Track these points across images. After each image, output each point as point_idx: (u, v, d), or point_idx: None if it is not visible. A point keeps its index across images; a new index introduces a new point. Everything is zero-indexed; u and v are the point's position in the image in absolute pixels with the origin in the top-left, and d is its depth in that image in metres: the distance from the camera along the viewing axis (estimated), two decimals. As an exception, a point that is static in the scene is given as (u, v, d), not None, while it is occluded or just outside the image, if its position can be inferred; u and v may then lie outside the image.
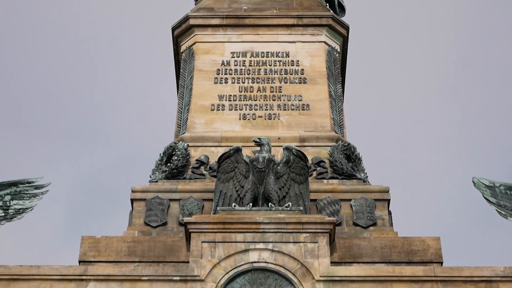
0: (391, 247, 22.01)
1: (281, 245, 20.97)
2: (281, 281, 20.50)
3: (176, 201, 23.72)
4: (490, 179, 22.07)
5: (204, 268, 20.65)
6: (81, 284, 20.44)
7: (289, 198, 22.61)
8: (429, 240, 22.17)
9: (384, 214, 23.56)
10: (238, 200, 22.64)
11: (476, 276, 20.32)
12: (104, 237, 22.38)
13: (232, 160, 23.14)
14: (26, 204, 21.84)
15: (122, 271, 20.70)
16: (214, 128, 26.37)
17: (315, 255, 20.84)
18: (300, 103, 26.96)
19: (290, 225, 21.25)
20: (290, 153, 23.08)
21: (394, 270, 20.70)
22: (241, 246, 20.99)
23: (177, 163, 24.97)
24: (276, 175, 22.80)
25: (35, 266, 20.69)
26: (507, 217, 21.36)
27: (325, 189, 24.16)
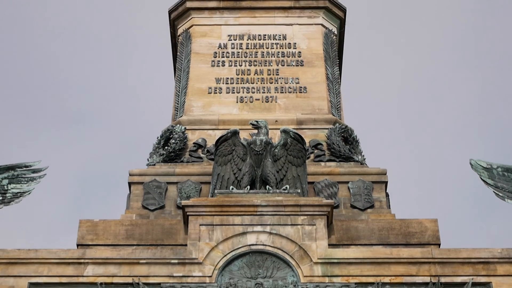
0: (388, 229, 21.96)
1: (279, 228, 20.91)
2: (279, 263, 20.46)
3: (173, 184, 23.65)
4: (487, 161, 21.99)
5: (202, 251, 20.59)
6: (79, 268, 20.37)
7: (286, 180, 22.54)
8: (426, 222, 22.12)
9: (382, 196, 23.51)
10: (236, 183, 22.56)
11: (474, 258, 20.28)
12: (102, 221, 22.31)
13: (230, 143, 23.04)
14: (23, 188, 21.73)
15: (120, 254, 20.63)
16: (212, 111, 26.26)
17: (312, 237, 20.79)
18: (298, 86, 26.86)
19: (287, 207, 21.19)
20: (288, 136, 22.98)
21: (392, 252, 20.66)
22: (239, 229, 20.93)
23: (175, 146, 24.87)
24: (273, 158, 22.72)
25: (33, 250, 20.62)
26: (505, 199, 21.28)
27: (323, 171, 24.09)
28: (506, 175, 21.61)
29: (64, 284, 20.13)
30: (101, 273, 20.24)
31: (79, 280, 20.18)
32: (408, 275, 20.12)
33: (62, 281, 20.17)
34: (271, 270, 20.35)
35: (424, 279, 20.03)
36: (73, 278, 20.21)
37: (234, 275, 20.31)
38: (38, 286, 20.09)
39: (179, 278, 20.18)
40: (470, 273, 20.05)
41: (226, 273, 20.33)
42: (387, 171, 24.19)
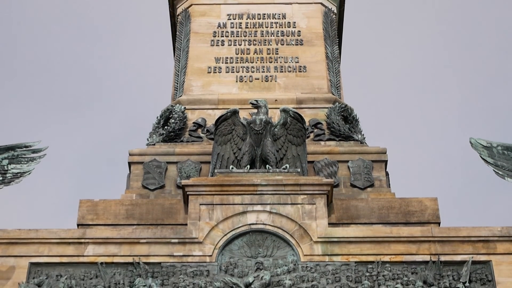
0: (388, 208, 21.90)
1: (279, 207, 20.85)
2: (279, 242, 20.41)
3: (173, 164, 23.55)
4: (487, 139, 21.86)
5: (202, 230, 20.53)
6: (79, 247, 20.31)
7: (286, 160, 22.45)
8: (426, 201, 22.05)
9: (382, 175, 23.43)
10: (236, 162, 22.47)
11: (474, 236, 20.22)
12: (102, 200, 22.23)
13: (229, 123, 22.92)
14: (23, 168, 21.59)
15: (121, 234, 20.57)
16: (211, 90, 26.11)
17: (312, 216, 20.73)
18: (297, 65, 26.70)
19: (287, 187, 21.11)
20: (287, 115, 22.85)
21: (392, 231, 20.60)
22: (239, 208, 20.86)
23: (174, 126, 24.76)
24: (273, 137, 22.61)
25: (34, 230, 20.54)
26: (505, 177, 21.16)
27: (323, 150, 23.99)
28: (506, 153, 21.48)
29: (64, 264, 20.07)
30: (102, 252, 20.20)
31: (79, 260, 20.13)
32: (408, 254, 20.07)
33: (62, 261, 20.11)
34: (271, 249, 20.31)
35: (424, 257, 19.97)
36: (73, 258, 20.16)
37: (235, 254, 20.26)
38: (39, 266, 20.02)
39: (179, 258, 20.13)
40: (470, 252, 20.00)
41: (227, 253, 20.29)
42: (387, 150, 24.08)
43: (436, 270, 19.78)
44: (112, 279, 19.79)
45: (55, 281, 19.78)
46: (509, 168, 21.21)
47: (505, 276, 19.66)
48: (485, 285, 19.56)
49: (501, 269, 19.77)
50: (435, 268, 19.81)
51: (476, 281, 19.61)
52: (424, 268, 19.84)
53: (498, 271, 19.72)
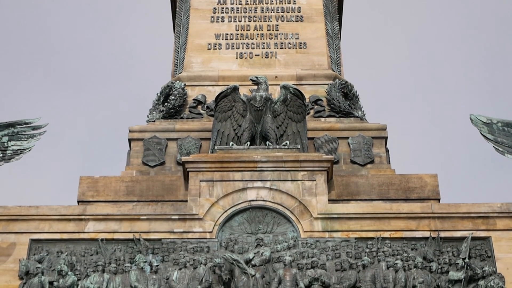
0: (388, 184, 21.82)
1: (279, 183, 20.76)
2: (279, 219, 20.35)
3: (173, 141, 23.43)
4: (487, 116, 21.73)
5: (202, 207, 20.47)
6: (80, 224, 20.26)
7: (286, 136, 22.32)
8: (426, 177, 21.97)
9: (382, 152, 23.33)
10: (236, 139, 22.34)
11: (473, 213, 20.15)
12: (103, 177, 22.14)
13: (230, 99, 22.76)
14: (23, 145, 21.46)
15: (121, 210, 20.50)
16: (211, 67, 25.93)
17: (313, 193, 20.66)
18: (297, 41, 26.50)
19: (287, 163, 21.02)
20: (288, 92, 22.69)
21: (392, 207, 20.53)
22: (239, 185, 20.78)
23: (174, 102, 24.62)
24: (273, 114, 22.47)
25: (34, 207, 20.48)
26: (504, 154, 21.05)
27: (323, 127, 23.86)
28: (506, 130, 21.36)
29: (65, 240, 20.03)
30: (102, 229, 20.14)
31: (80, 236, 20.08)
32: (408, 230, 20.01)
33: (63, 237, 20.06)
34: (271, 225, 20.26)
35: (424, 233, 19.92)
36: (74, 234, 20.11)
37: (235, 230, 20.21)
38: (39, 242, 19.98)
39: (179, 234, 20.09)
40: (470, 228, 19.94)
41: (227, 229, 20.23)
42: (387, 127, 23.96)
43: (435, 246, 19.74)
44: (112, 256, 19.76)
45: (56, 257, 19.74)
46: (509, 144, 21.10)
47: (504, 252, 19.62)
48: (485, 261, 19.52)
49: (501, 245, 19.72)
50: (434, 244, 19.77)
51: (476, 257, 19.57)
52: (424, 244, 19.80)
53: (498, 247, 19.68)
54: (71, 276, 19.23)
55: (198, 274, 19.17)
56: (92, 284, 19.08)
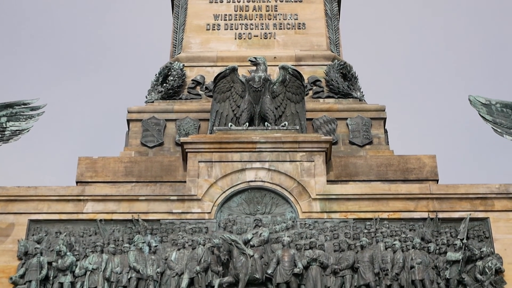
0: (387, 165, 21.74)
1: (278, 164, 20.68)
2: (278, 199, 20.30)
3: (172, 121, 23.31)
4: (486, 97, 21.60)
5: (201, 187, 20.39)
6: (78, 205, 20.19)
7: (285, 117, 22.22)
8: (424, 158, 21.88)
9: (380, 133, 23.23)
10: (235, 119, 22.23)
11: (472, 194, 20.08)
12: (101, 158, 22.04)
13: (228, 80, 22.63)
14: (22, 125, 21.32)
15: (119, 191, 20.42)
16: (210, 48, 25.76)
17: (311, 173, 20.59)
18: (296, 22, 26.32)
19: (286, 144, 20.92)
20: (286, 72, 22.56)
21: (390, 188, 20.47)
22: (238, 166, 20.69)
23: (173, 83, 24.48)
24: (272, 95, 22.36)
25: (33, 187, 20.39)
26: (503, 135, 20.94)
27: (321, 108, 23.75)
28: (505, 111, 21.24)
29: (64, 221, 19.95)
30: (101, 209, 20.07)
31: (78, 217, 20.01)
32: (406, 211, 19.95)
33: (62, 217, 19.98)
34: (269, 206, 20.21)
35: (422, 214, 19.86)
36: (73, 215, 20.03)
37: (233, 211, 20.16)
38: (38, 223, 19.91)
39: (178, 215, 20.03)
40: (468, 209, 19.88)
41: (225, 210, 20.18)
42: (385, 108, 23.83)
43: (434, 227, 19.70)
44: (111, 236, 19.71)
45: (54, 237, 19.69)
46: (507, 125, 20.99)
47: (502, 233, 19.58)
48: (483, 242, 19.48)
49: (499, 226, 19.67)
50: (433, 225, 19.73)
51: (474, 237, 19.53)
52: (422, 225, 19.76)
53: (496, 228, 19.63)
54: (69, 256, 19.20)
55: (197, 255, 19.13)
56: (90, 264, 19.05)
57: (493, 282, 18.68)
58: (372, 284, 18.76)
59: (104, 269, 19.02)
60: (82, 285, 18.89)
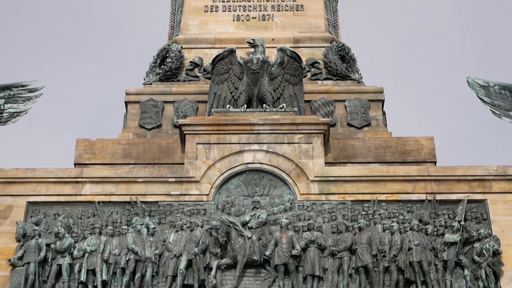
0: (385, 147, 21.64)
1: (276, 146, 20.59)
2: (276, 181, 20.21)
3: (170, 103, 23.18)
4: (484, 79, 21.46)
5: (199, 169, 20.29)
6: (76, 186, 20.09)
7: (283, 99, 22.10)
8: (423, 140, 21.78)
9: (378, 115, 23.12)
10: (233, 101, 22.08)
11: (470, 175, 19.99)
12: (99, 140, 21.92)
13: (226, 62, 22.46)
14: (20, 107, 21.17)
15: (118, 173, 20.32)
16: (208, 29, 25.57)
17: (309, 155, 20.50)
18: (294, 4, 26.08)
19: (284, 126, 20.81)
20: (284, 54, 22.40)
21: (388, 170, 20.38)
22: (236, 148, 20.59)
23: (171, 65, 24.32)
24: (270, 77, 22.22)
25: (31, 169, 20.27)
26: (501, 117, 20.81)
27: (320, 90, 23.60)
28: (503, 92, 21.11)
29: (62, 203, 19.85)
30: (99, 191, 19.97)
31: (77, 198, 19.91)
32: (404, 193, 19.86)
33: (60, 199, 19.88)
34: (267, 188, 20.13)
35: (420, 196, 19.78)
36: (71, 197, 19.93)
37: (231, 193, 20.08)
38: (36, 205, 19.81)
39: (176, 197, 19.94)
40: (466, 191, 19.79)
41: (223, 192, 20.10)
42: (384, 89, 23.70)
43: (431, 209, 19.63)
44: (109, 218, 19.63)
45: (53, 219, 19.60)
46: (506, 107, 20.87)
47: (500, 215, 19.51)
48: (480, 224, 19.43)
49: (496, 207, 19.61)
50: (430, 207, 19.66)
51: (471, 219, 19.47)
52: (420, 206, 19.69)
53: (493, 210, 19.56)
54: (68, 238, 19.12)
55: (195, 237, 19.06)
56: (89, 246, 18.97)
57: (490, 264, 18.63)
58: (369, 265, 18.71)
59: (102, 251, 18.94)
60: (80, 266, 18.81)
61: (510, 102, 20.95)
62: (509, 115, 20.78)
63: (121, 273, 18.84)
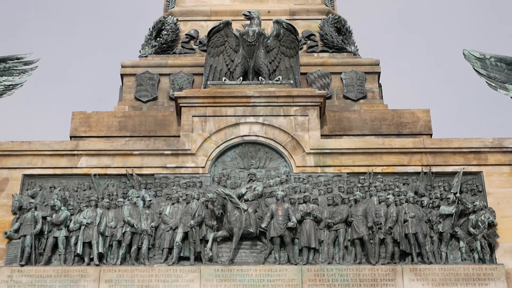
0: (381, 120, 21.42)
1: (272, 119, 20.34)
2: (272, 154, 20.01)
3: (166, 76, 22.86)
4: (480, 51, 21.21)
5: (195, 142, 20.07)
6: (72, 159, 19.85)
7: (279, 71, 21.84)
8: (418, 113, 21.54)
9: (374, 87, 22.87)
10: (229, 74, 21.81)
11: (465, 148, 19.79)
12: (95, 112, 21.63)
13: (222, 34, 22.17)
14: (15, 80, 20.88)
15: (114, 145, 20.05)
16: (204, 2, 25.11)
17: (305, 128, 20.29)
18: (290, -25, 25.78)
19: (280, 98, 20.55)
20: (280, 27, 22.09)
21: (384, 142, 20.17)
22: (232, 120, 20.34)
23: (167, 37, 23.98)
24: (266, 49, 21.93)
25: (27, 142, 20.00)
26: (497, 89, 20.56)
27: (316, 62, 23.30)
28: (499, 65, 20.87)
29: (58, 176, 19.61)
30: (95, 164, 19.74)
31: (73, 171, 19.67)
32: (400, 165, 19.66)
33: (56, 172, 19.64)
34: (263, 160, 19.94)
35: (415, 168, 19.58)
36: (67, 169, 19.69)
37: (227, 165, 19.89)
38: (32, 177, 19.56)
39: (172, 169, 19.74)
40: (461, 163, 19.59)
41: (219, 164, 19.90)
42: (380, 62, 23.40)
43: (427, 181, 19.46)
44: (105, 191, 19.42)
45: (49, 192, 19.39)
46: (501, 79, 20.63)
47: (495, 187, 19.34)
48: (476, 196, 19.26)
49: (492, 180, 19.43)
50: (426, 179, 19.48)
51: (467, 191, 19.30)
52: (415, 179, 19.51)
53: (489, 182, 19.38)
54: (64, 211, 18.93)
55: (191, 209, 18.88)
56: (85, 219, 18.78)
57: (485, 236, 18.50)
58: (365, 237, 18.57)
59: (98, 224, 18.74)
60: (76, 239, 18.62)
61: (506, 74, 20.69)
62: (505, 87, 20.54)
63: (117, 245, 18.66)
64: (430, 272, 18.17)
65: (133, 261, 18.51)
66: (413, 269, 18.23)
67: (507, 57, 20.81)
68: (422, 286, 18.04)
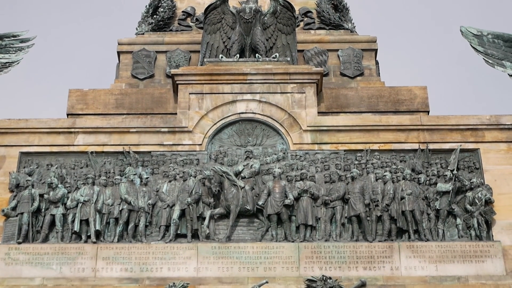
0: (378, 97, 21.16)
1: (269, 96, 20.08)
2: (269, 131, 19.78)
3: (163, 53, 22.55)
4: (478, 28, 20.95)
5: (192, 119, 19.81)
6: (69, 137, 19.59)
7: (276, 49, 21.56)
8: (416, 90, 21.30)
9: (371, 64, 22.59)
10: (225, 51, 21.52)
11: (462, 125, 19.55)
12: (92, 90, 21.34)
13: (219, 11, 21.84)
14: (12, 57, 20.56)
15: (110, 123, 19.79)
16: (200, -21, 24.93)
17: (302, 105, 20.03)
18: (287, -48, 25.35)
19: (277, 75, 20.27)
20: (277, 4, 21.74)
21: (381, 119, 19.92)
22: (229, 97, 20.06)
23: (163, 15, 23.63)
24: (263, 26, 21.64)
25: (23, 120, 19.72)
26: (494, 66, 20.30)
27: (312, 39, 22.98)
28: (497, 42, 20.61)
29: (55, 153, 19.36)
30: (92, 142, 19.48)
31: (70, 149, 19.42)
32: (397, 142, 19.43)
33: (53, 150, 19.38)
34: (260, 138, 19.71)
35: (412, 146, 19.36)
36: (64, 147, 19.43)
37: (224, 143, 19.66)
38: (29, 155, 19.31)
39: (169, 147, 19.51)
40: (459, 140, 19.36)
41: (216, 141, 19.68)
42: (377, 39, 23.07)
43: (424, 158, 19.25)
44: (102, 168, 19.19)
45: (46, 170, 19.16)
46: (499, 56, 20.36)
47: (492, 164, 19.13)
48: (473, 173, 19.07)
49: (489, 157, 19.21)
50: (423, 156, 19.27)
51: (464, 168, 19.11)
52: (412, 156, 19.29)
53: (486, 159, 19.18)
54: (61, 188, 18.72)
55: (188, 186, 18.68)
56: (82, 196, 18.57)
57: (482, 213, 18.33)
58: (362, 215, 18.39)
59: (95, 201, 18.53)
60: (73, 217, 18.43)
61: (503, 51, 20.42)
62: (502, 64, 20.26)
63: (114, 223, 18.47)
64: (427, 249, 18.01)
65: (130, 239, 18.32)
66: (410, 246, 18.06)
67: (505, 34, 20.48)
68: (419, 263, 17.88)
